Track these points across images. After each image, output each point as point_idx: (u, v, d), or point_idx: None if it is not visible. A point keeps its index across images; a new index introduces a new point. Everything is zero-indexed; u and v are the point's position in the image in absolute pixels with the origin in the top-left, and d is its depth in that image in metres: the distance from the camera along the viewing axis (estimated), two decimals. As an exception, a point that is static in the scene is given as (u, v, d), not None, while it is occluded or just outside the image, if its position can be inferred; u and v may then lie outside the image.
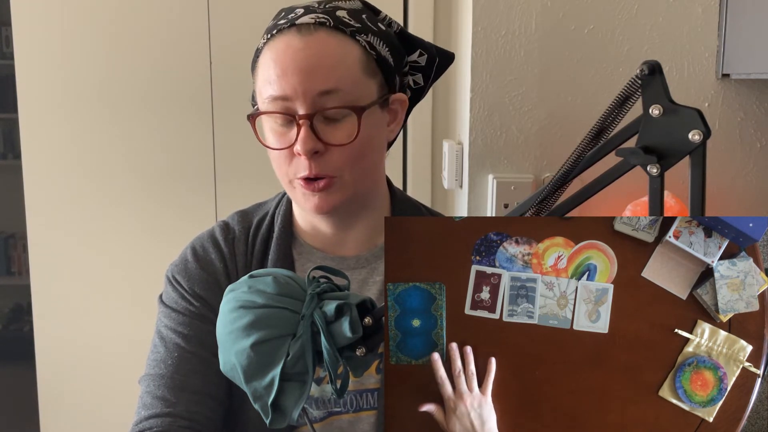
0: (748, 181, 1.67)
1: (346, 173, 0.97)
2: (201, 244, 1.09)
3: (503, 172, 1.67)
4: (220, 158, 2.21)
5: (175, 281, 1.07)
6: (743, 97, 1.64)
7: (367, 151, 0.99)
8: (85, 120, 2.18)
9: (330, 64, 0.94)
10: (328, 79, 0.93)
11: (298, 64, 0.93)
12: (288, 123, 0.96)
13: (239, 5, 2.16)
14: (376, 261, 1.08)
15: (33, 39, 2.14)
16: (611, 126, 0.74)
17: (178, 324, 1.04)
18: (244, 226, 1.10)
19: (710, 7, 1.61)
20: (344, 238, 1.08)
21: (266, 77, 0.96)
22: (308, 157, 0.94)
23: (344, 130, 0.95)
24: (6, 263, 4.19)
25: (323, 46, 0.94)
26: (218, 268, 1.06)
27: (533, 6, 1.62)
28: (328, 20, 0.96)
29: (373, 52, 0.97)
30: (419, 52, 1.06)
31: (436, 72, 1.10)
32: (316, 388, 1.03)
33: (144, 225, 2.23)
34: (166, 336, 1.05)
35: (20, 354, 2.98)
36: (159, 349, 1.04)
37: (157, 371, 1.03)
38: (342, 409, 1.04)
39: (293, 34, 0.95)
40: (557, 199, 0.78)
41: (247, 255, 1.07)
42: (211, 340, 0.97)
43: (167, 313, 1.06)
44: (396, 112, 1.04)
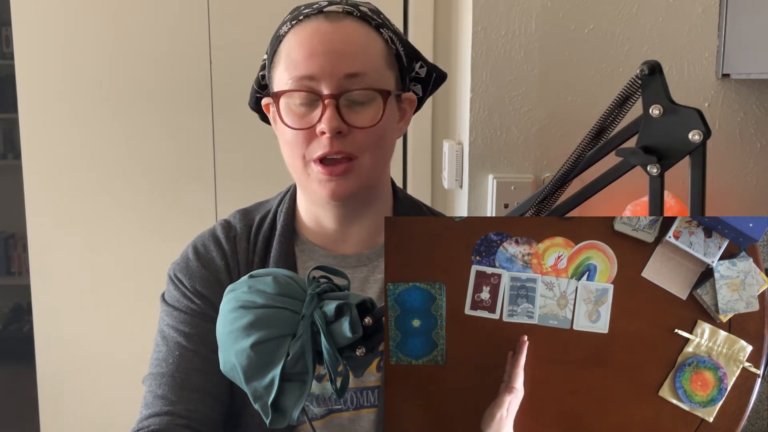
0: (748, 181, 1.67)
1: (366, 157, 0.98)
2: (202, 243, 1.10)
3: (503, 172, 1.67)
4: (220, 158, 2.21)
5: (177, 280, 1.08)
6: (743, 97, 1.63)
7: (386, 139, 1.01)
8: (85, 120, 2.18)
9: (356, 49, 0.97)
10: (354, 62, 0.96)
11: (326, 47, 0.95)
12: (309, 104, 0.97)
13: (239, 5, 2.16)
14: (378, 259, 1.08)
15: (33, 39, 2.14)
16: (611, 126, 0.74)
17: (179, 322, 1.05)
18: (246, 224, 1.10)
19: (710, 7, 1.61)
20: (347, 235, 1.08)
21: (291, 59, 0.97)
22: (332, 135, 0.95)
23: (368, 113, 0.97)
24: (6, 263, 4.19)
25: (351, 33, 0.97)
26: (220, 266, 1.07)
27: (533, 6, 1.62)
28: (354, 11, 0.99)
29: (393, 47, 1.01)
30: (420, 64, 1.09)
31: (433, 86, 1.12)
32: (317, 386, 1.04)
33: (144, 225, 2.23)
34: (167, 335, 1.05)
35: (20, 354, 2.97)
36: (161, 348, 1.05)
37: (158, 370, 1.03)
38: (342, 407, 1.04)
39: (321, 20, 0.98)
40: (557, 199, 0.78)
41: (248, 253, 1.08)
42: (212, 339, 0.96)
43: (169, 311, 1.07)
44: (405, 111, 1.06)
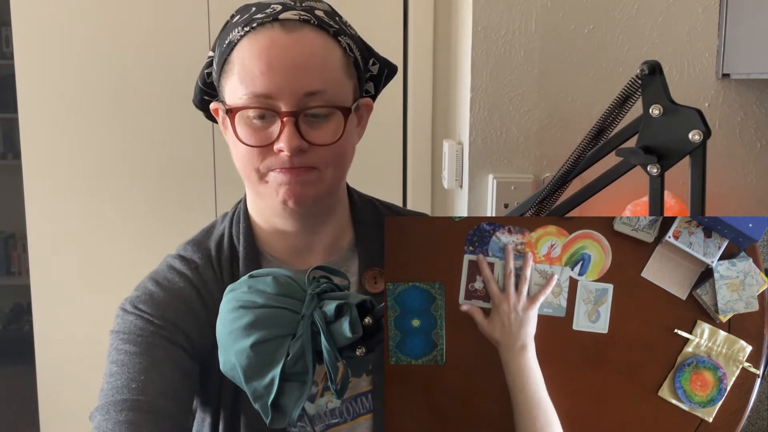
0: (748, 181, 1.67)
1: (329, 170, 0.96)
2: (163, 276, 1.01)
3: (503, 172, 1.67)
4: (220, 158, 2.21)
5: (139, 311, 0.97)
6: (743, 97, 1.63)
7: (347, 151, 0.98)
8: (84, 120, 2.18)
9: (317, 64, 0.92)
10: (314, 80, 0.91)
11: (285, 63, 0.91)
12: (267, 118, 0.92)
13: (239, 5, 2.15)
14: (346, 263, 1.06)
15: (33, 39, 2.14)
16: (611, 126, 0.74)
17: (146, 348, 0.94)
18: (204, 253, 1.03)
19: (710, 7, 1.61)
20: (312, 245, 1.04)
21: (247, 73, 0.91)
22: (292, 154, 0.91)
23: (328, 129, 0.93)
24: (6, 263, 4.19)
25: (310, 46, 0.92)
26: (190, 294, 0.99)
27: (533, 6, 1.62)
28: (312, 18, 0.93)
29: (351, 54, 0.96)
30: (372, 61, 1.04)
31: (384, 81, 1.08)
32: (310, 405, 1.01)
33: (144, 225, 2.23)
34: (127, 362, 0.93)
35: (20, 354, 2.98)
36: (118, 377, 0.92)
37: (118, 397, 0.90)
38: (339, 420, 1.03)
39: (278, 30, 0.92)
40: (557, 199, 0.78)
41: (218, 281, 1.01)
42: (185, 368, 0.94)
43: (129, 339, 0.95)
44: (362, 116, 1.03)
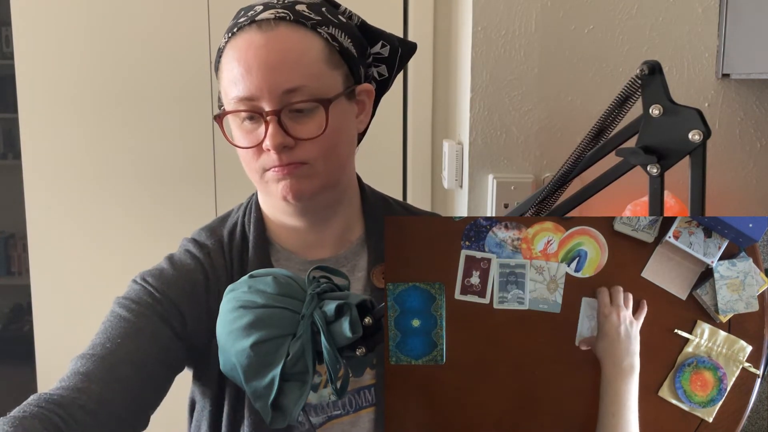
0: (748, 181, 1.67)
1: (320, 162, 0.96)
2: (179, 257, 1.04)
3: (503, 172, 1.67)
4: (220, 158, 2.21)
5: (145, 282, 1.01)
6: (743, 97, 1.63)
7: (338, 142, 0.98)
8: (84, 120, 2.18)
9: (293, 59, 0.93)
10: (292, 76, 0.93)
11: (261, 62, 0.93)
12: (255, 120, 0.95)
13: (239, 5, 2.15)
14: (355, 258, 1.07)
15: (33, 39, 2.14)
16: (611, 126, 0.74)
17: (134, 315, 0.96)
18: (217, 239, 1.06)
19: (710, 7, 1.61)
20: (321, 237, 1.06)
21: (230, 77, 0.95)
22: (278, 151, 0.94)
23: (312, 123, 0.94)
24: (6, 263, 4.18)
25: (285, 42, 0.94)
26: (198, 279, 1.01)
27: (533, 6, 1.62)
28: (288, 14, 0.95)
29: (335, 44, 0.97)
30: (381, 44, 1.05)
31: (400, 62, 1.09)
32: (313, 395, 1.02)
33: (144, 225, 2.23)
34: (114, 323, 0.96)
35: (20, 354, 2.97)
36: (100, 335, 0.96)
37: (90, 352, 0.94)
38: (341, 411, 1.03)
39: (254, 31, 0.94)
40: (557, 199, 0.78)
41: (227, 268, 1.03)
42: (163, 346, 0.94)
43: (125, 304, 0.98)
44: (363, 103, 1.04)
